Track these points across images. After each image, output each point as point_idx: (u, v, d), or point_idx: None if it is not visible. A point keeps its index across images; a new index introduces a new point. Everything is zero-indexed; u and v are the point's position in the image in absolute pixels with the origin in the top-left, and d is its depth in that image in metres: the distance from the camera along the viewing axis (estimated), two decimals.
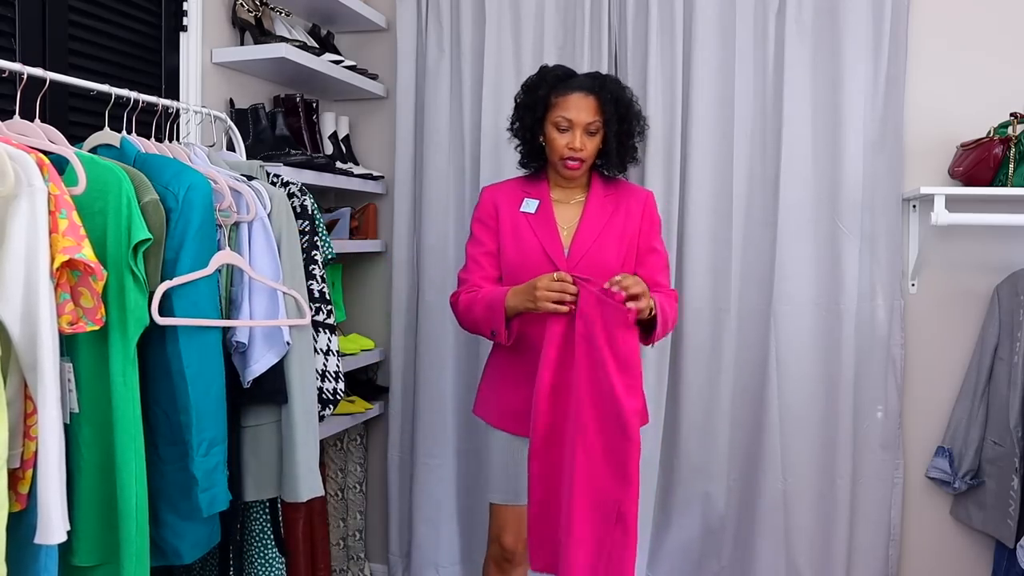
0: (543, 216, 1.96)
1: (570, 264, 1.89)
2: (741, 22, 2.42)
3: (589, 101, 1.89)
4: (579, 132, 1.89)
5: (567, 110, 1.89)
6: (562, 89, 1.91)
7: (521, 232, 1.96)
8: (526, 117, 1.97)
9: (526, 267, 1.90)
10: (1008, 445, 2.25)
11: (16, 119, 1.45)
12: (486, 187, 2.10)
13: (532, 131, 1.96)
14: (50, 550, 1.28)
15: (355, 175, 2.63)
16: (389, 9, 2.78)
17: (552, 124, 1.91)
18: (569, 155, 1.90)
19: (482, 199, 2.06)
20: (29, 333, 1.23)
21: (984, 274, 2.40)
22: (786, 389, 2.44)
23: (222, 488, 1.57)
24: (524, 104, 1.98)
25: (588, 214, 1.96)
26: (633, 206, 1.98)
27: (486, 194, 2.06)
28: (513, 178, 2.10)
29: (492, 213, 2.00)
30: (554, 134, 1.91)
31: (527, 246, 1.93)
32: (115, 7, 2.01)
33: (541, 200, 1.98)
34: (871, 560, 2.46)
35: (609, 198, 1.99)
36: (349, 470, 2.78)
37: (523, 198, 1.99)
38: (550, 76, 1.95)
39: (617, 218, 1.96)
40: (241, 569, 1.92)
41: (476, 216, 2.04)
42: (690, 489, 2.52)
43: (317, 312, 1.91)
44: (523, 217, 1.96)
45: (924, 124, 2.41)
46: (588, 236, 1.93)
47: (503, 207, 1.99)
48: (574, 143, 1.89)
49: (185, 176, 1.53)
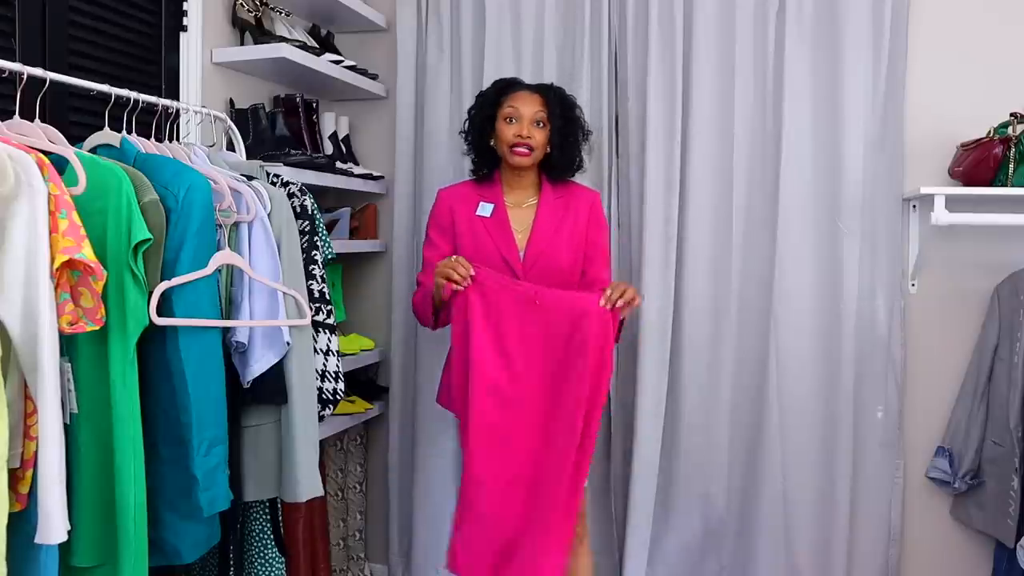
0: (498, 220, 2.07)
1: (525, 266, 2.03)
2: (741, 22, 2.42)
3: (535, 97, 2.04)
4: (526, 122, 2.01)
5: (515, 101, 2.03)
6: (510, 90, 2.07)
7: (478, 235, 2.06)
8: (476, 118, 2.10)
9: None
10: (1008, 445, 2.25)
11: (16, 119, 1.45)
12: (441, 190, 2.19)
13: (482, 130, 2.09)
14: (50, 550, 1.28)
15: (355, 175, 2.63)
16: (389, 9, 2.78)
17: (501, 119, 2.04)
18: (516, 141, 2.01)
19: (438, 202, 2.16)
20: (29, 333, 1.23)
21: (984, 274, 2.40)
22: (786, 389, 2.44)
23: (223, 488, 1.58)
24: (475, 108, 2.12)
25: (541, 217, 2.08)
26: (581, 207, 2.11)
27: (442, 197, 2.16)
28: (467, 180, 2.20)
29: (448, 217, 2.11)
30: (503, 126, 2.03)
31: (484, 249, 2.03)
32: (115, 7, 2.01)
33: (495, 204, 2.08)
34: (871, 560, 2.46)
35: (559, 200, 2.10)
36: (349, 470, 2.78)
37: (478, 201, 2.09)
38: (498, 83, 2.12)
39: (567, 220, 2.08)
40: (241, 569, 1.92)
41: (432, 220, 2.15)
42: (690, 489, 2.51)
43: (317, 312, 1.91)
44: (479, 221, 2.07)
45: (924, 124, 2.41)
46: (541, 239, 2.06)
47: (459, 211, 2.10)
48: (522, 131, 2.01)
49: (185, 176, 1.53)
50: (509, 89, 2.08)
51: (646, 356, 2.45)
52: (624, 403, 2.54)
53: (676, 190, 2.46)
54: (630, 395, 2.50)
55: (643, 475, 2.47)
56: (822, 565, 2.45)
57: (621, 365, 2.57)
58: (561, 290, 1.94)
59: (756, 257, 2.47)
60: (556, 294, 1.91)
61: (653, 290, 2.45)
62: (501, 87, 2.10)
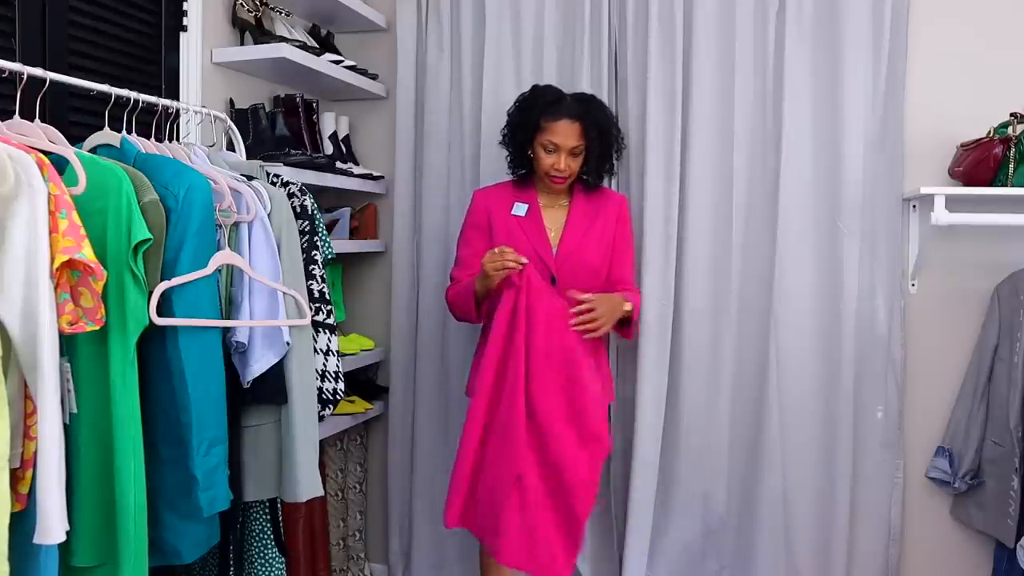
0: (532, 219, 2.19)
1: (557, 262, 2.14)
2: (741, 22, 2.42)
3: (575, 128, 2.11)
4: (564, 155, 2.11)
5: (555, 135, 2.10)
6: (551, 114, 2.11)
7: (513, 232, 2.16)
8: (518, 135, 2.19)
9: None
10: (1008, 445, 2.25)
11: (16, 119, 1.45)
12: (478, 191, 2.30)
13: (522, 147, 2.20)
14: (50, 550, 1.28)
15: (355, 175, 2.63)
16: (389, 9, 2.78)
17: (540, 145, 2.13)
18: (555, 174, 2.13)
19: (475, 203, 2.26)
20: (29, 333, 1.23)
21: (984, 274, 2.40)
22: (786, 389, 2.44)
23: (223, 488, 1.58)
24: (516, 123, 2.19)
25: (573, 218, 2.20)
26: (611, 210, 2.23)
27: (478, 199, 2.27)
28: (503, 182, 2.29)
29: (484, 217, 2.22)
30: (541, 154, 2.13)
31: (519, 245, 2.09)
32: (115, 7, 2.01)
33: (530, 204, 2.20)
34: (871, 560, 2.46)
35: (591, 203, 2.23)
36: (349, 470, 2.78)
37: (513, 202, 2.21)
38: (541, 100, 2.15)
39: (597, 221, 2.20)
40: (241, 569, 1.92)
41: (469, 219, 2.26)
42: (690, 489, 2.51)
43: (317, 312, 1.91)
44: (514, 219, 2.18)
45: (924, 124, 2.41)
46: (573, 237, 2.17)
47: (495, 211, 2.21)
48: (559, 164, 2.11)
49: (185, 176, 1.53)
50: (551, 112, 2.11)
51: (646, 356, 2.45)
52: (624, 403, 2.54)
53: (676, 190, 2.46)
54: (630, 395, 2.50)
55: (643, 475, 2.47)
56: (822, 565, 2.45)
57: (621, 365, 2.57)
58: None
59: (756, 257, 2.47)
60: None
61: (653, 290, 2.45)
62: (543, 108, 2.13)
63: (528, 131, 2.16)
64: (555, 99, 2.15)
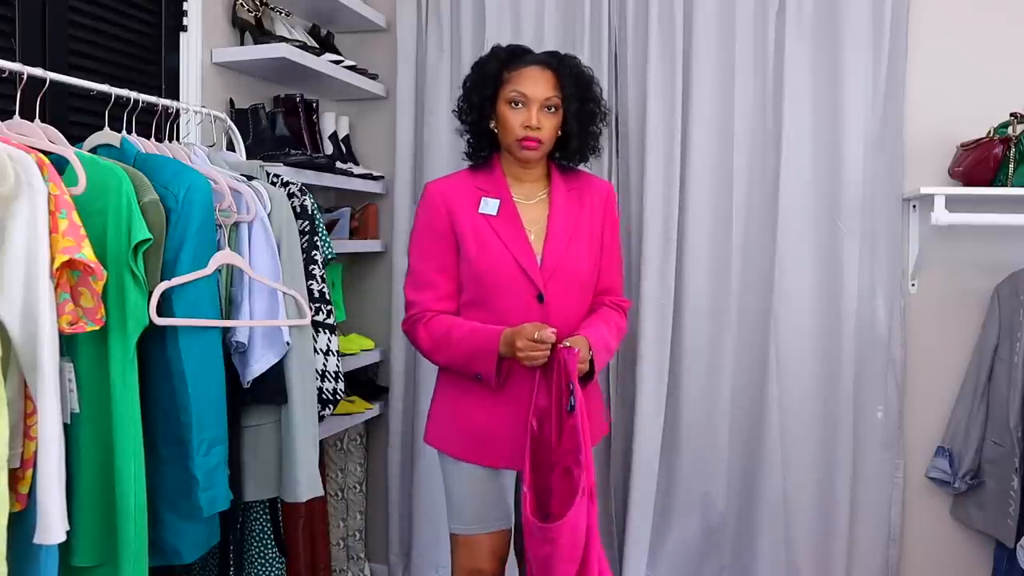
0: (507, 218, 1.73)
1: (544, 275, 1.71)
2: (741, 22, 2.42)
3: (547, 75, 1.71)
4: (535, 108, 1.69)
5: (521, 84, 1.69)
6: (515, 63, 1.72)
7: (484, 240, 1.72)
8: (474, 96, 1.75)
9: (497, 281, 1.71)
10: (1008, 445, 2.25)
11: (16, 119, 1.45)
12: (431, 183, 1.82)
13: (481, 112, 1.74)
14: (50, 550, 1.28)
15: (355, 175, 2.63)
16: (389, 9, 2.78)
17: (505, 101, 1.70)
18: (525, 134, 1.69)
19: (430, 200, 1.77)
20: (29, 333, 1.23)
21: (984, 274, 2.40)
22: (786, 389, 2.44)
23: (223, 488, 1.57)
24: (473, 83, 1.76)
25: (555, 215, 1.76)
26: (596, 201, 1.81)
27: (434, 195, 1.77)
28: (461, 171, 1.85)
29: (445, 218, 1.75)
30: (507, 112, 1.70)
31: (495, 256, 1.70)
32: (115, 7, 2.01)
33: (501, 199, 1.75)
34: (871, 560, 2.46)
35: (572, 191, 1.80)
36: (349, 470, 2.78)
37: (479, 196, 1.75)
38: (502, 52, 1.76)
39: (583, 217, 1.79)
40: (241, 569, 1.92)
41: (424, 222, 1.77)
42: (690, 489, 2.52)
43: (317, 312, 1.91)
44: (484, 220, 1.73)
45: (924, 124, 2.41)
46: (559, 242, 1.74)
47: (458, 210, 1.75)
48: (531, 120, 1.68)
49: (185, 176, 1.53)
50: (515, 61, 1.73)
51: (646, 356, 2.45)
52: (624, 403, 2.54)
53: (676, 190, 2.46)
54: (630, 395, 2.50)
55: (643, 475, 2.47)
56: (822, 565, 2.45)
57: (621, 365, 2.57)
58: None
59: (756, 257, 2.47)
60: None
61: (653, 290, 2.45)
62: (505, 58, 1.74)
63: (487, 88, 1.72)
64: (521, 50, 1.78)
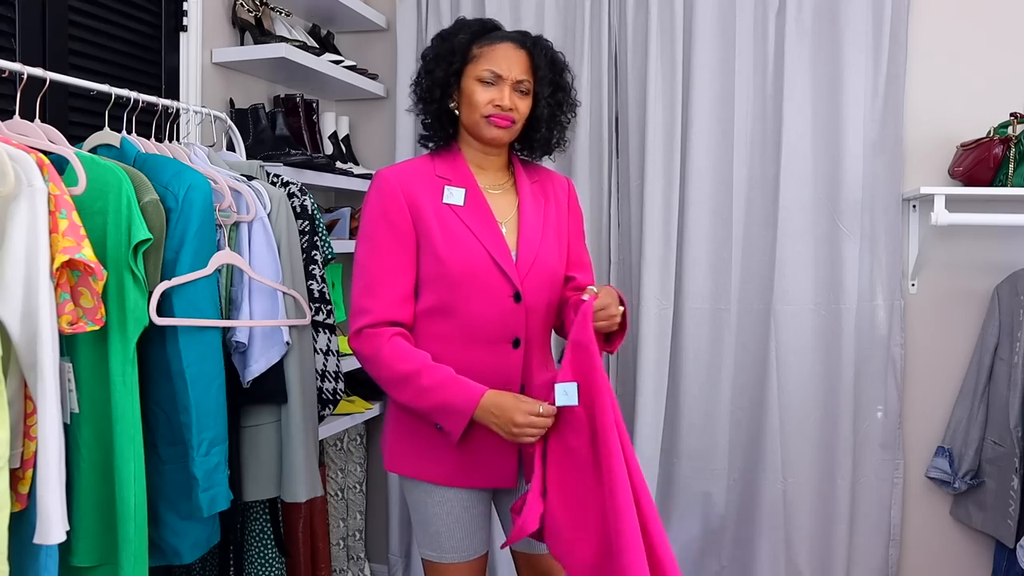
0: (475, 209, 1.56)
1: (520, 271, 1.55)
2: (741, 22, 2.42)
3: (520, 55, 1.56)
4: (508, 89, 1.54)
5: (494, 62, 1.54)
6: (487, 38, 1.57)
7: (452, 233, 1.53)
8: (438, 71, 1.56)
9: (469, 280, 1.53)
10: (1008, 445, 2.25)
11: (16, 119, 1.45)
12: (383, 171, 1.59)
13: (444, 88, 1.57)
14: (50, 550, 1.29)
15: (355, 175, 2.63)
16: (389, 9, 2.78)
17: (473, 78, 1.55)
18: (497, 112, 1.53)
19: (384, 189, 1.56)
20: (29, 333, 1.23)
21: (984, 274, 2.40)
22: (786, 389, 2.44)
23: (223, 488, 1.58)
24: (435, 56, 1.58)
25: (525, 207, 1.61)
26: (560, 195, 1.69)
27: (391, 183, 1.56)
28: (417, 158, 1.66)
29: (403, 210, 1.54)
30: (476, 90, 1.54)
31: (466, 251, 1.53)
32: (115, 7, 2.01)
33: (467, 187, 1.58)
34: (871, 560, 2.46)
35: (536, 185, 1.67)
36: (349, 470, 2.78)
37: (442, 185, 1.57)
38: (473, 23, 1.60)
39: (549, 211, 1.65)
40: (241, 569, 1.92)
41: (376, 214, 1.55)
42: (690, 489, 2.52)
43: (317, 312, 1.91)
44: (449, 211, 1.55)
45: (924, 124, 2.41)
46: (534, 235, 1.59)
47: (420, 200, 1.55)
48: (503, 99, 1.53)
49: (185, 176, 1.54)
50: (486, 37, 1.57)
51: (646, 356, 2.45)
52: (624, 403, 2.54)
53: (676, 190, 2.46)
54: (630, 395, 2.50)
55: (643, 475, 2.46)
56: (822, 565, 2.45)
57: (621, 365, 2.57)
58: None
59: (756, 257, 2.47)
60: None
61: (653, 290, 2.45)
62: (476, 32, 1.58)
63: (453, 62, 1.55)
64: (492, 25, 1.62)
